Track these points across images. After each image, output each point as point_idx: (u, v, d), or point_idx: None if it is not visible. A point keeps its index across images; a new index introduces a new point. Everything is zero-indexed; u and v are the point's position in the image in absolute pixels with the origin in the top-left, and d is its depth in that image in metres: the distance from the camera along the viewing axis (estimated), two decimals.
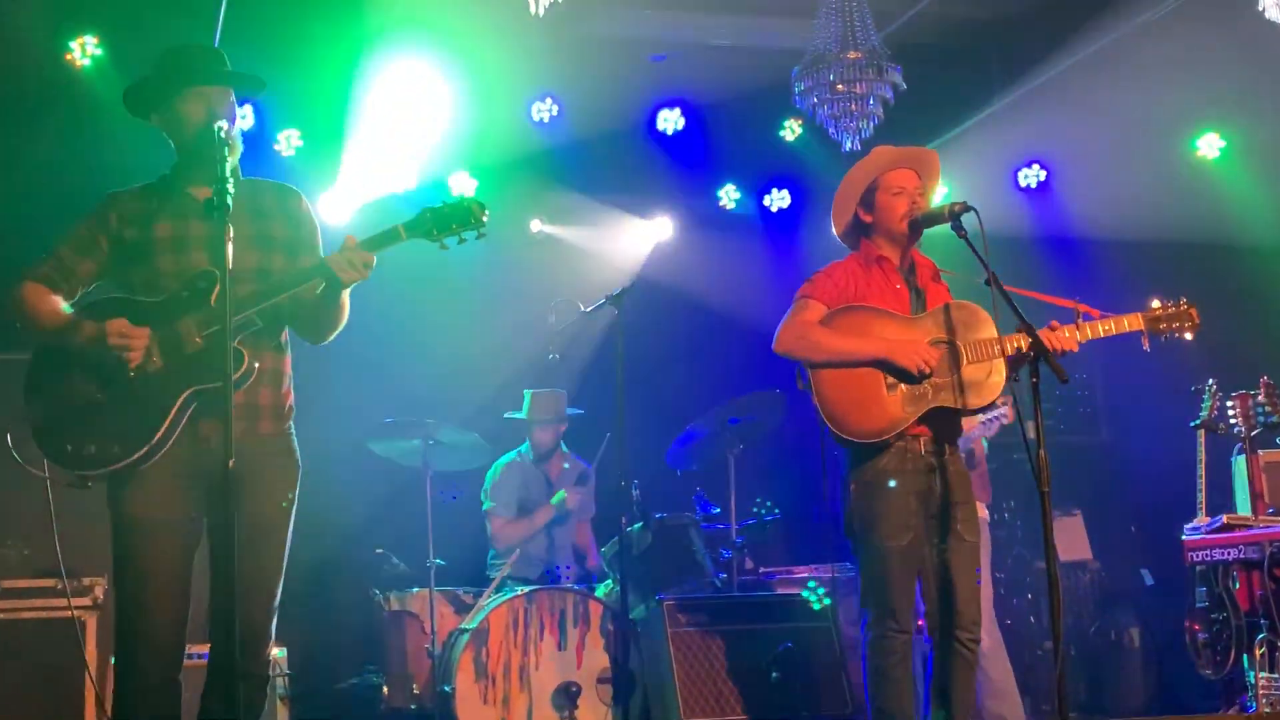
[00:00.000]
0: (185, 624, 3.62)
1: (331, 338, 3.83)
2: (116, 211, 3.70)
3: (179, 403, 3.53)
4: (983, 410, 4.40)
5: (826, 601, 5.81)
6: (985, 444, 5.98)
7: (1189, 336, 4.37)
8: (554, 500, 6.61)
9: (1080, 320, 4.29)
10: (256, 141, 6.80)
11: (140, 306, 3.59)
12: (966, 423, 5.52)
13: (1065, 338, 4.24)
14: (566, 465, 6.87)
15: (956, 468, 4.38)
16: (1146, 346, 4.37)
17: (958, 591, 4.28)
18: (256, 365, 3.60)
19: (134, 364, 3.51)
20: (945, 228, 4.31)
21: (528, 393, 6.80)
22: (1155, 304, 4.39)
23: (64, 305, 3.64)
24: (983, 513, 5.68)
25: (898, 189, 4.45)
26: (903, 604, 4.25)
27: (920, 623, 4.53)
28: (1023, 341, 4.16)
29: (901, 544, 4.25)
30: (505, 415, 6.84)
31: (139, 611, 3.56)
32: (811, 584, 5.85)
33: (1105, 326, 4.32)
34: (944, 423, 4.34)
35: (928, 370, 4.25)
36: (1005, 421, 5.71)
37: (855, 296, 4.40)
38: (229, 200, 3.35)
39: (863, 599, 4.34)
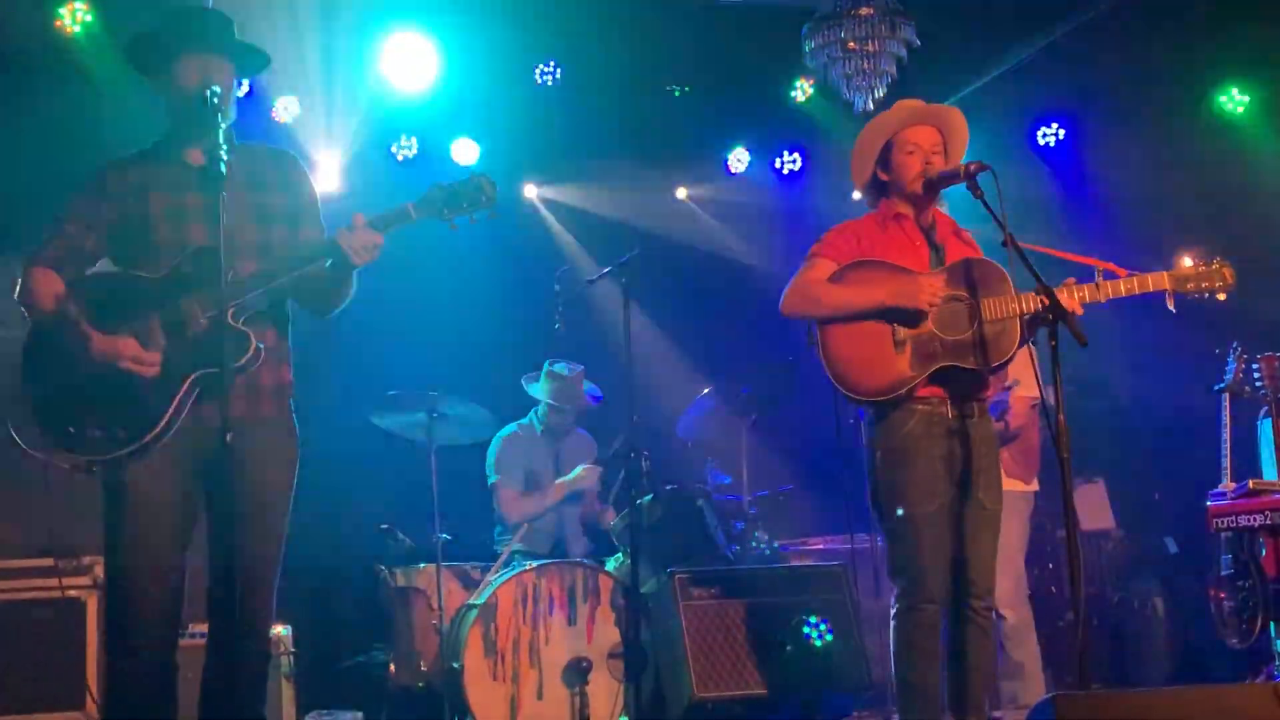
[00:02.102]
0: (180, 602, 3.59)
1: (338, 310, 3.80)
2: (114, 182, 3.65)
3: (185, 387, 3.49)
4: (995, 370, 4.22)
5: (829, 638, 5.63)
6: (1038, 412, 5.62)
7: (1222, 298, 4.15)
8: (571, 475, 6.48)
9: (1101, 279, 4.12)
10: (254, 108, 6.67)
11: (140, 283, 3.55)
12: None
13: (1071, 299, 4.05)
14: (573, 437, 6.75)
15: (983, 432, 4.26)
16: (1172, 307, 4.18)
17: (971, 558, 4.18)
18: (262, 347, 3.55)
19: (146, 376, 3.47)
20: (964, 187, 4.17)
21: (547, 380, 6.60)
22: (1186, 262, 4.19)
23: (64, 289, 3.56)
24: (1033, 484, 5.52)
25: (912, 147, 4.31)
26: (933, 574, 4.15)
27: None
28: (1040, 301, 4.01)
29: (929, 511, 4.15)
30: (524, 384, 6.70)
31: (132, 589, 3.52)
32: (812, 619, 5.65)
33: (1128, 285, 4.13)
34: (963, 383, 4.20)
35: (935, 301, 4.11)
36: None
37: (868, 252, 4.29)
38: (223, 168, 3.33)
39: (891, 570, 4.23)
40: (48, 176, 4.83)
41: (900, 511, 4.17)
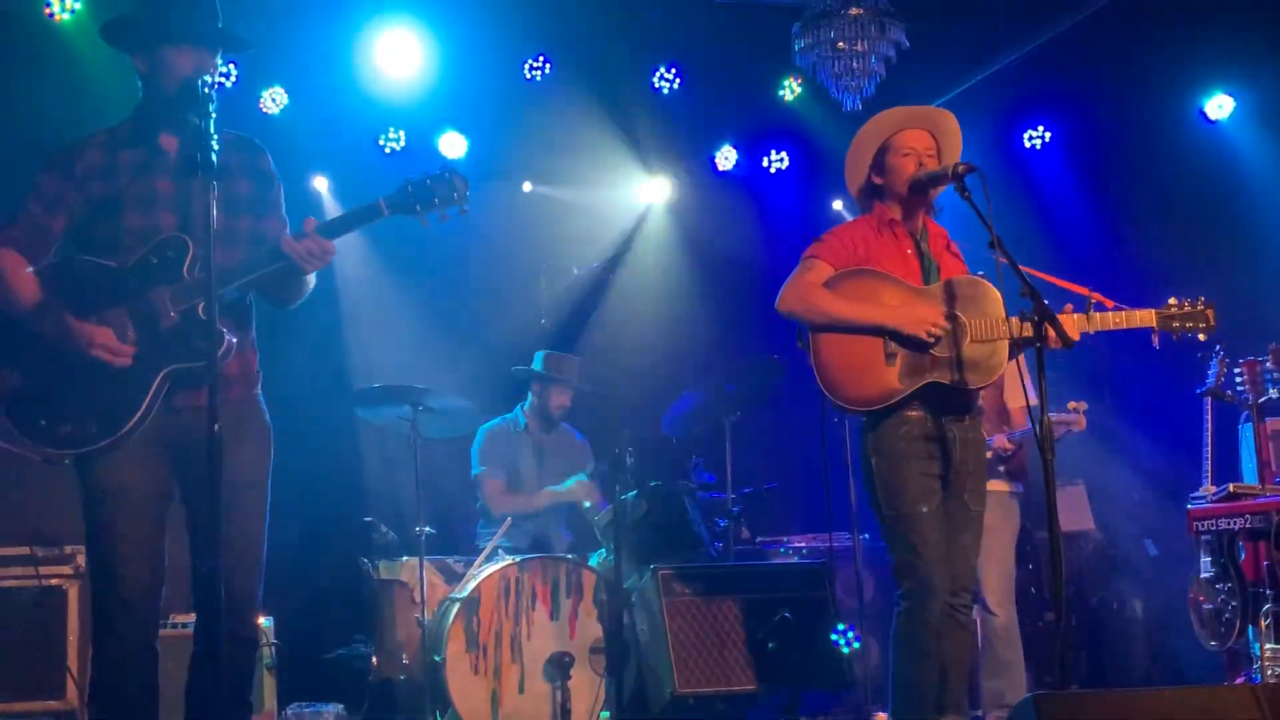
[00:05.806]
0: (160, 591, 3.59)
1: (298, 304, 3.78)
2: (81, 162, 3.59)
3: (158, 381, 3.48)
4: (979, 389, 4.26)
5: (856, 645, 5.65)
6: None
7: (1202, 338, 4.29)
8: (562, 488, 6.49)
9: (1091, 309, 4.19)
10: (241, 99, 6.64)
11: (108, 273, 3.51)
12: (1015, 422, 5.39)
13: (1072, 328, 4.09)
14: (559, 435, 6.75)
15: (973, 436, 4.29)
16: (1156, 343, 4.28)
17: (953, 555, 4.20)
18: (234, 342, 3.53)
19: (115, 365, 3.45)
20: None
21: (540, 353, 6.65)
22: (1172, 301, 4.29)
23: (32, 273, 3.52)
24: (1012, 487, 5.52)
25: (907, 150, 4.33)
26: (938, 572, 4.15)
27: None
28: (1029, 327, 4.04)
29: (929, 509, 4.17)
30: (514, 369, 6.69)
31: (114, 579, 3.53)
32: (840, 626, 5.63)
33: (1116, 319, 4.23)
34: (952, 399, 4.23)
35: (937, 334, 4.15)
36: (1075, 429, 5.48)
37: (864, 259, 4.30)
38: (214, 158, 3.28)
39: (896, 570, 4.23)
40: (35, 167, 4.80)
41: (902, 512, 4.19)
